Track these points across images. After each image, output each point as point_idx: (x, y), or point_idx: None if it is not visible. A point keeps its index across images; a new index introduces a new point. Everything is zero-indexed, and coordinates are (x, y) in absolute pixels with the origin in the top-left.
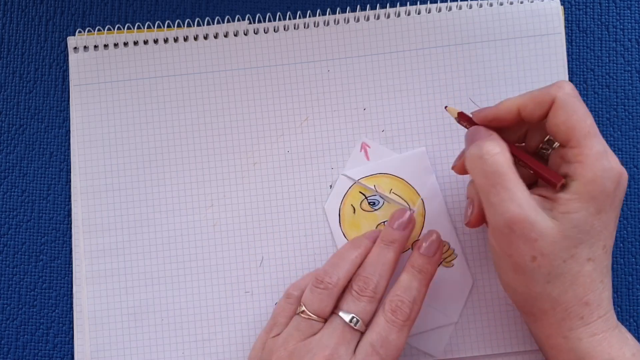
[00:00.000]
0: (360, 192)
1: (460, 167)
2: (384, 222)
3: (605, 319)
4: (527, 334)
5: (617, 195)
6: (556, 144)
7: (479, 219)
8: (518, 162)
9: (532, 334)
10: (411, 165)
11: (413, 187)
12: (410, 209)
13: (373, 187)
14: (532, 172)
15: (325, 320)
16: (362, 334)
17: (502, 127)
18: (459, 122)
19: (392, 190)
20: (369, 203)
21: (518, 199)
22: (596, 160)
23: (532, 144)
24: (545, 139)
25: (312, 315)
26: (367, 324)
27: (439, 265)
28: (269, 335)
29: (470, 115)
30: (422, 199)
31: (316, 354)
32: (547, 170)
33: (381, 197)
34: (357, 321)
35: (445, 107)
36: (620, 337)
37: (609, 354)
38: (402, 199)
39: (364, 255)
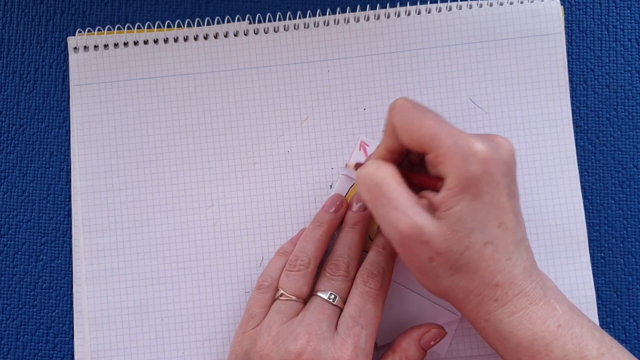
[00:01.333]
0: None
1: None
2: None
3: (522, 296)
4: None
5: (489, 172)
6: None
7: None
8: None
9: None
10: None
11: None
12: None
13: None
14: (416, 184)
15: (305, 301)
16: (341, 311)
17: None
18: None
19: None
20: None
21: (402, 207)
22: (452, 153)
23: (413, 162)
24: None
25: (291, 296)
26: (344, 301)
27: None
28: (247, 328)
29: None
30: None
31: (300, 332)
32: (426, 178)
33: None
34: (335, 297)
35: (346, 165)
36: (545, 309)
37: (531, 330)
38: None
39: (327, 231)
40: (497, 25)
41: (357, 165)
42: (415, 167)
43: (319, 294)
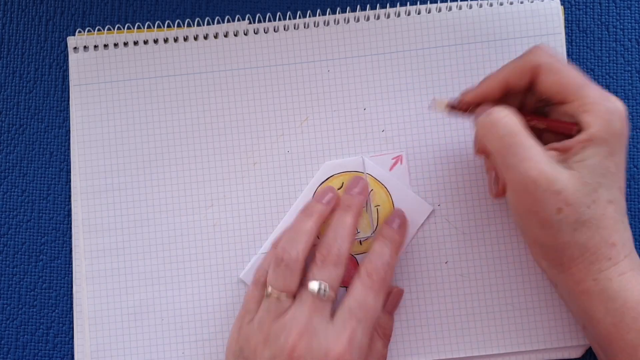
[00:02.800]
0: None
1: (479, 147)
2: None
3: (630, 258)
4: (528, 334)
5: (624, 134)
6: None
7: (505, 188)
8: (528, 121)
9: (559, 286)
10: (411, 207)
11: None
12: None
13: (370, 191)
14: (543, 127)
15: (294, 296)
16: (333, 301)
17: (493, 102)
18: (451, 113)
19: (378, 207)
20: None
21: (535, 156)
22: (600, 105)
23: (529, 107)
24: (541, 99)
25: (279, 294)
26: (335, 290)
27: (405, 236)
28: (244, 322)
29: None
30: None
31: (291, 330)
32: (558, 122)
33: (367, 203)
34: (325, 288)
35: (433, 98)
36: None
37: (639, 291)
38: (377, 221)
39: (318, 222)
40: (497, 25)
41: (451, 106)
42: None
43: (310, 285)
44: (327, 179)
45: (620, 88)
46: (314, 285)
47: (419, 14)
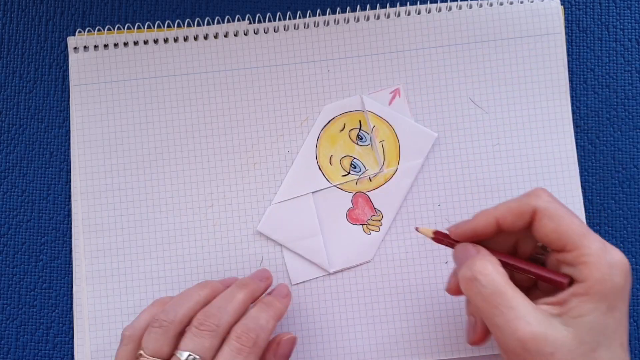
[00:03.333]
0: (359, 120)
1: (455, 288)
2: (347, 173)
3: None
4: None
5: (626, 289)
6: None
7: (484, 336)
8: (515, 270)
9: None
10: (415, 137)
11: (401, 153)
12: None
13: (372, 127)
14: (532, 277)
15: None
16: None
17: (484, 239)
18: (437, 242)
19: (382, 142)
20: (357, 135)
21: (525, 316)
22: (600, 258)
23: (525, 251)
24: (539, 245)
25: (149, 357)
26: None
27: (287, 306)
28: None
29: (447, 232)
30: (397, 168)
31: None
32: (550, 272)
33: (371, 139)
34: (194, 359)
35: (416, 228)
36: None
37: None
38: (384, 156)
39: (210, 295)
40: (497, 25)
41: (439, 235)
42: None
43: (177, 353)
44: (328, 122)
45: (620, 88)
46: (182, 354)
47: (419, 14)
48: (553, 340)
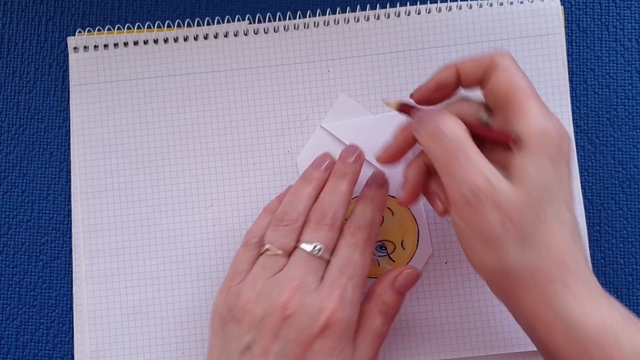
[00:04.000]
0: None
1: (393, 154)
2: None
3: (587, 282)
4: None
5: (564, 150)
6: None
7: (415, 196)
8: (472, 132)
9: (518, 319)
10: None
11: None
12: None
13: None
14: (483, 138)
15: (289, 255)
16: (328, 262)
17: (444, 97)
18: (401, 112)
19: None
20: None
21: (481, 167)
22: (541, 115)
23: (470, 119)
24: (483, 121)
25: (277, 251)
26: (331, 252)
27: (387, 195)
28: (232, 285)
29: (411, 101)
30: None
31: (284, 287)
32: (498, 132)
33: None
34: (320, 248)
35: (383, 100)
36: (608, 301)
37: (600, 317)
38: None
39: (317, 188)
40: (497, 25)
41: (403, 107)
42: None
43: (303, 245)
44: None
45: (620, 88)
46: (308, 245)
47: (419, 14)
48: (504, 192)
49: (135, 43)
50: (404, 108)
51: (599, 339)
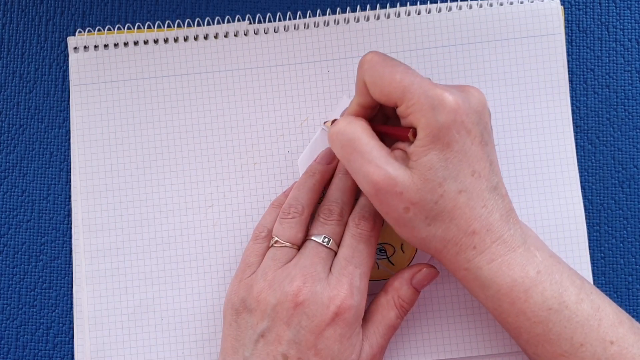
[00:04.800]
0: None
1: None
2: None
3: (501, 243)
4: None
5: (463, 122)
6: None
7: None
8: (379, 134)
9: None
10: None
11: None
12: None
13: None
14: (388, 136)
15: (299, 248)
16: (335, 254)
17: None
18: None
19: None
20: None
21: (375, 159)
22: (422, 104)
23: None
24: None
25: (285, 243)
26: (338, 244)
27: None
28: (244, 277)
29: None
30: None
31: (295, 276)
32: (396, 129)
33: None
34: (329, 240)
35: (324, 122)
36: (524, 256)
37: (510, 276)
38: None
39: (321, 181)
40: (497, 26)
41: (335, 122)
42: (390, 119)
43: (313, 237)
44: None
45: (620, 88)
46: (317, 237)
47: (419, 14)
48: (401, 181)
49: (135, 43)
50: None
51: (510, 296)
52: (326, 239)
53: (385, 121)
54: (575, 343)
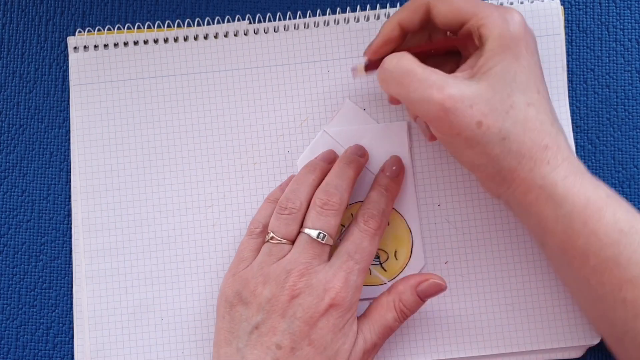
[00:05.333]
0: None
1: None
2: None
3: (570, 162)
4: (528, 334)
5: (528, 39)
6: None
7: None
8: (428, 53)
9: (513, 205)
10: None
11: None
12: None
13: None
14: (442, 51)
15: (293, 241)
16: (331, 247)
17: (394, 49)
18: (369, 72)
19: None
20: None
21: (436, 82)
22: (494, 16)
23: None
24: (445, 31)
25: (281, 239)
26: (333, 237)
27: (401, 184)
28: (238, 270)
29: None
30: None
31: (291, 270)
32: (453, 39)
33: None
34: (324, 235)
35: (352, 67)
36: (593, 180)
37: (584, 194)
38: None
39: (320, 177)
40: None
41: (368, 66)
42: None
43: (307, 231)
44: None
45: (620, 88)
46: (313, 231)
47: None
48: (469, 94)
49: (135, 43)
50: (370, 66)
51: (584, 214)
52: (321, 235)
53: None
54: None
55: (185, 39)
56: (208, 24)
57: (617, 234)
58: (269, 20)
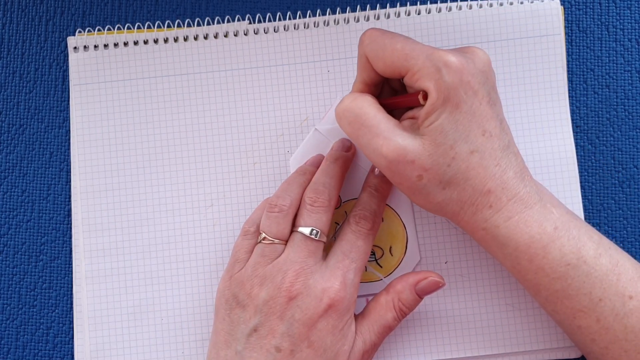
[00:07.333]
0: None
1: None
2: None
3: (517, 200)
4: (527, 334)
5: (469, 82)
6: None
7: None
8: (387, 106)
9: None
10: None
11: None
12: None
13: None
14: (397, 107)
15: (286, 242)
16: (324, 244)
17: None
18: None
19: None
20: None
21: (383, 132)
22: (428, 67)
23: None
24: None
25: (273, 239)
26: (326, 234)
27: (391, 183)
28: (233, 272)
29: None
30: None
31: (287, 271)
32: (405, 96)
33: None
34: (317, 232)
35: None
36: (541, 213)
37: (527, 233)
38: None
39: (310, 179)
40: (497, 26)
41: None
42: (398, 93)
43: (300, 229)
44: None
45: (620, 88)
46: (305, 229)
47: (419, 14)
48: (412, 149)
49: (135, 43)
50: None
51: (528, 253)
52: (314, 231)
53: (394, 94)
54: (594, 298)
55: (185, 39)
56: (208, 24)
57: (564, 268)
58: (269, 20)
